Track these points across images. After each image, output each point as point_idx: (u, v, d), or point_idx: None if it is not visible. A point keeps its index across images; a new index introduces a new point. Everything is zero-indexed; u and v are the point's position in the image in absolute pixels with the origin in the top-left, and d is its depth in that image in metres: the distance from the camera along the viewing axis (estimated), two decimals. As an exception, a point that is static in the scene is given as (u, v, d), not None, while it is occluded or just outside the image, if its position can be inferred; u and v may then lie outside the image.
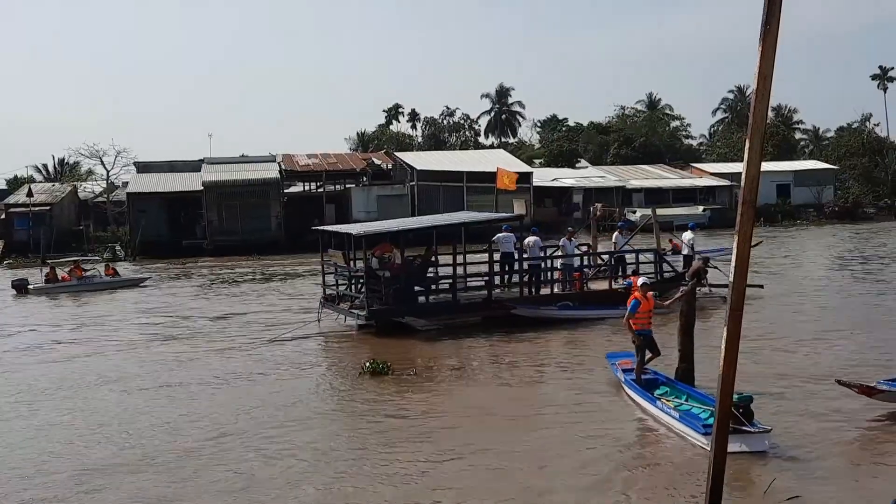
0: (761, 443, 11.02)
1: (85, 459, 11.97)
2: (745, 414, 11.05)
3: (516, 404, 14.45)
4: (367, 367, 16.78)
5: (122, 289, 36.14)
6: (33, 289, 35.64)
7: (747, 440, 10.96)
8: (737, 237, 6.32)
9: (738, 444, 10.81)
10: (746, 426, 11.00)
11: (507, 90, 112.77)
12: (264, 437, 12.66)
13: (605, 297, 23.20)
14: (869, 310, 23.54)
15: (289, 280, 38.00)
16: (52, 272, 36.82)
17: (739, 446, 10.81)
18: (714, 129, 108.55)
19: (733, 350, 6.50)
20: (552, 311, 22.53)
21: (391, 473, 10.85)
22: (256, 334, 22.46)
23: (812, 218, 70.70)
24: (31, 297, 34.70)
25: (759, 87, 6.20)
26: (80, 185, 75.05)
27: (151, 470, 11.38)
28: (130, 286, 37.03)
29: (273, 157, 67.31)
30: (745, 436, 10.94)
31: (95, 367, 18.83)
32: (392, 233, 23.26)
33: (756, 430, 11.05)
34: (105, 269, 38.53)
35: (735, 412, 10.85)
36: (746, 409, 11.11)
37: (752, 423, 11.07)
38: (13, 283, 36.23)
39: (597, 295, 23.66)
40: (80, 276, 36.67)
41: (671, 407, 12.58)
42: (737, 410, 10.88)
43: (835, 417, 12.56)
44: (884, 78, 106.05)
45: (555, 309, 22.65)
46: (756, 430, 11.05)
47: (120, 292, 35.07)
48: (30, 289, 35.60)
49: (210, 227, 59.08)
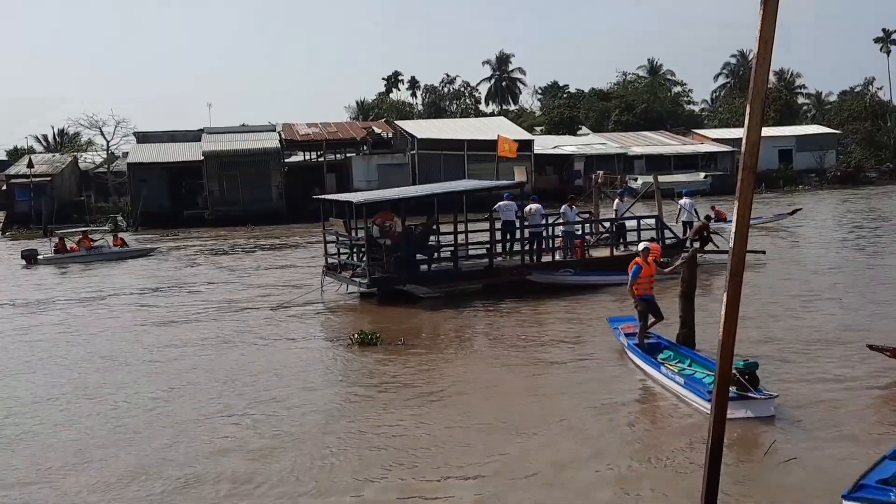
0: (767, 409, 11.03)
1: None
2: (750, 380, 11.06)
3: (518, 371, 14.41)
4: (355, 337, 16.68)
5: (130, 259, 36.47)
6: (43, 259, 35.92)
7: (753, 406, 10.98)
8: (737, 203, 6.30)
9: (744, 410, 10.88)
10: (752, 392, 11.02)
11: (508, 57, 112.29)
12: (247, 407, 12.71)
13: (606, 263, 23.33)
14: (874, 273, 23.55)
15: (288, 249, 38.03)
16: (61, 243, 37.13)
17: (745, 412, 10.87)
18: (716, 94, 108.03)
19: (733, 315, 6.50)
20: (568, 277, 22.63)
21: (376, 445, 10.80)
22: (259, 303, 22.52)
23: (814, 183, 70.54)
24: (41, 267, 34.95)
25: (760, 50, 6.16)
26: (80, 155, 74.91)
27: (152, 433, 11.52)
28: (139, 256, 37.32)
29: (273, 126, 67.11)
30: (751, 402, 10.98)
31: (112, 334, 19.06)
32: (392, 201, 23.24)
33: (762, 397, 11.08)
34: (113, 240, 38.80)
35: (741, 378, 10.93)
36: (752, 375, 11.10)
37: (757, 390, 11.08)
38: (23, 254, 36.48)
39: (598, 262, 23.79)
40: (90, 246, 36.95)
41: (675, 372, 12.61)
42: (742, 377, 10.94)
43: (838, 382, 12.57)
44: (887, 41, 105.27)
45: (570, 274, 22.73)
46: (762, 397, 11.08)
47: (129, 262, 35.38)
48: (39, 259, 35.86)
49: (211, 197, 59.05)
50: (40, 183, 60.78)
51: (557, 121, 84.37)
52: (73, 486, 9.84)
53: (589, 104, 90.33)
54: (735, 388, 10.92)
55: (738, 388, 10.94)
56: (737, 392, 10.92)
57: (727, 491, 8.03)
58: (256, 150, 60.50)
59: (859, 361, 13.33)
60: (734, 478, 9.03)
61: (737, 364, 11.15)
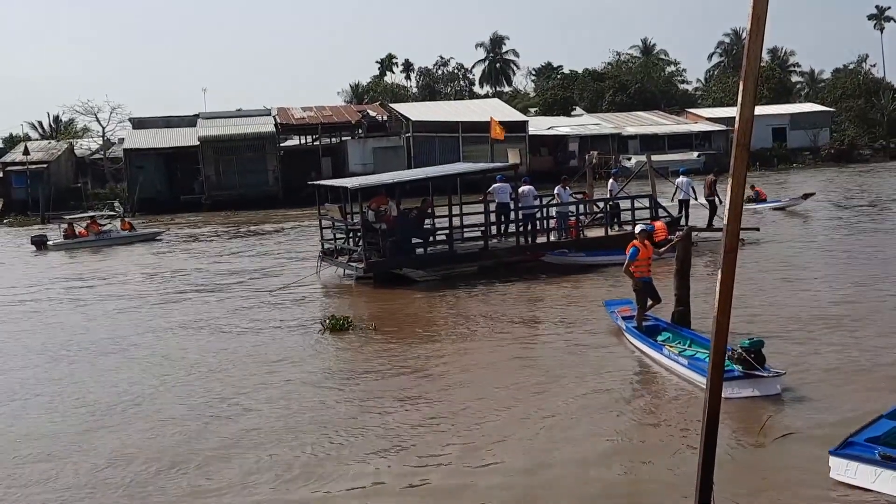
0: (773, 387, 11.03)
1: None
2: (756, 358, 11.04)
3: (515, 356, 14.14)
4: (327, 323, 16.43)
5: (139, 243, 36.94)
6: (53, 244, 36.29)
7: (759, 384, 10.99)
8: (731, 180, 6.36)
9: (751, 388, 10.95)
10: (759, 370, 11.00)
11: (502, 39, 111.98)
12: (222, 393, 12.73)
13: (600, 244, 23.72)
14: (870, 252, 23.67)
15: (285, 233, 38.06)
16: (70, 228, 37.59)
17: (752, 391, 10.92)
18: (710, 73, 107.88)
19: (727, 293, 6.57)
20: (581, 258, 22.87)
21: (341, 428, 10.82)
22: (255, 288, 22.64)
23: (808, 161, 70.61)
24: (52, 252, 35.31)
25: (753, 27, 6.19)
26: (76, 142, 74.78)
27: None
28: (146, 240, 37.81)
29: (268, 110, 66.98)
30: (757, 380, 10.98)
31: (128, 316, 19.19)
32: (387, 185, 23.28)
33: (769, 375, 11.04)
34: (121, 224, 39.30)
35: (747, 357, 10.97)
36: (758, 353, 11.09)
37: (764, 368, 11.05)
38: (33, 239, 36.94)
39: (593, 242, 23.98)
40: (98, 231, 37.47)
41: (677, 353, 12.56)
42: (748, 355, 10.98)
43: (836, 359, 12.67)
44: (881, 18, 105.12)
45: (583, 255, 22.93)
46: (769, 375, 11.04)
47: (137, 246, 35.85)
48: (49, 245, 36.21)
49: (207, 182, 59.02)
50: (37, 170, 60.76)
51: (551, 102, 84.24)
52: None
53: (583, 85, 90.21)
54: (741, 366, 11.03)
55: (743, 366, 10.99)
56: (742, 370, 11.00)
57: (724, 467, 8.07)
58: (252, 134, 60.45)
59: (857, 340, 13.44)
60: (730, 453, 9.11)
61: (742, 343, 11.29)
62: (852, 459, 8.24)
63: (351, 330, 16.24)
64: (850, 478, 8.17)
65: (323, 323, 16.60)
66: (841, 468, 8.28)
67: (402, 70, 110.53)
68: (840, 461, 8.31)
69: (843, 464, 8.26)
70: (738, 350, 11.13)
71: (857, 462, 8.16)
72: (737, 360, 11.09)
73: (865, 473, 8.06)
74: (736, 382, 10.97)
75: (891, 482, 7.88)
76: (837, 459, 8.35)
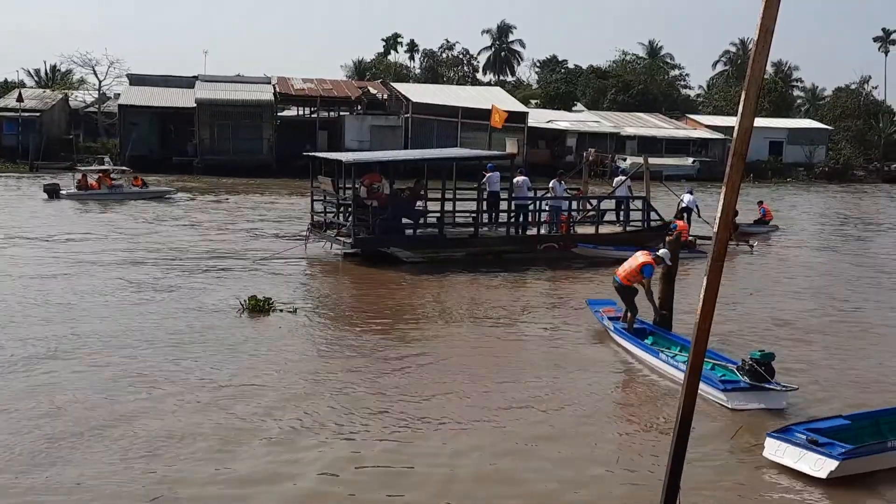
0: (780, 401, 10.87)
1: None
2: (766, 371, 10.91)
3: (497, 355, 13.65)
4: (245, 303, 15.63)
5: (149, 199, 37.28)
6: (66, 194, 36.57)
7: (767, 398, 10.85)
8: (724, 188, 6.39)
9: (758, 401, 10.81)
10: (770, 384, 10.86)
11: (509, 27, 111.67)
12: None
13: (590, 241, 23.99)
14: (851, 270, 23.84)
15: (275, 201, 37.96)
16: (83, 179, 37.99)
17: (758, 404, 10.79)
18: (713, 81, 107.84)
19: (711, 299, 6.61)
20: (611, 251, 22.87)
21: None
22: (239, 257, 22.43)
23: (802, 177, 70.88)
24: (64, 202, 35.52)
25: (760, 40, 6.21)
26: (71, 93, 74.23)
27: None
28: (157, 197, 38.22)
29: (268, 78, 66.60)
30: (764, 393, 10.85)
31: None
32: (382, 163, 23.25)
33: (780, 389, 10.88)
34: (133, 180, 39.65)
35: (758, 369, 10.85)
36: (768, 366, 10.94)
37: (773, 382, 10.90)
38: (45, 188, 37.24)
39: (582, 238, 24.07)
40: (111, 184, 37.94)
41: (674, 358, 12.29)
42: (760, 367, 10.85)
43: (813, 371, 12.75)
44: (886, 41, 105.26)
45: (613, 249, 22.99)
46: (780, 389, 10.88)
47: (147, 203, 36.20)
48: (62, 194, 36.48)
49: (201, 145, 58.71)
50: (29, 118, 60.32)
51: (553, 95, 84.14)
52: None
53: (586, 81, 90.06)
54: (748, 377, 10.93)
55: (752, 378, 10.87)
56: (748, 382, 10.89)
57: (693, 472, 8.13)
58: (250, 101, 60.10)
59: (834, 350, 13.55)
60: (701, 459, 9.15)
61: (753, 354, 11.15)
62: (783, 441, 9.05)
63: (271, 312, 15.43)
64: (779, 458, 9.00)
65: (242, 302, 15.71)
66: (773, 448, 9.10)
67: (406, 50, 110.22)
68: (773, 442, 9.13)
69: (775, 445, 9.08)
70: (749, 361, 11.02)
71: (787, 444, 8.97)
72: (747, 372, 10.97)
73: (791, 454, 8.88)
74: (743, 394, 10.90)
75: (811, 463, 8.68)
76: (771, 440, 9.17)
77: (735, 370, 11.41)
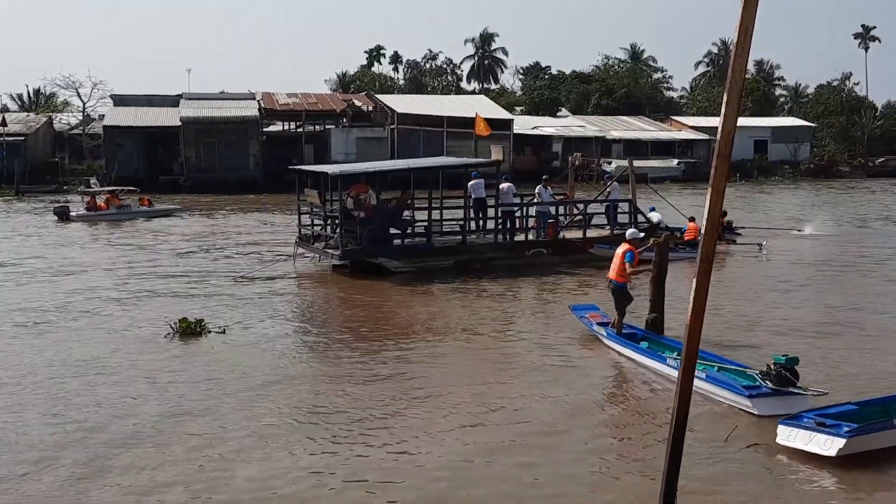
0: (800, 407, 10.35)
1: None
2: (792, 375, 10.73)
3: (492, 364, 13.52)
4: (176, 326, 14.90)
5: (157, 218, 38.20)
6: (76, 216, 37.27)
7: (789, 402, 10.58)
8: (710, 189, 6.42)
9: (786, 407, 10.45)
10: (797, 388, 10.69)
11: (492, 36, 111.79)
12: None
13: (577, 245, 24.12)
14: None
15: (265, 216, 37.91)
16: (92, 200, 38.88)
17: (787, 409, 10.36)
18: (696, 82, 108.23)
19: (701, 299, 6.64)
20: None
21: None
22: (227, 272, 22.44)
23: (787, 174, 71.23)
24: (74, 223, 36.07)
25: (740, 39, 6.25)
26: (55, 116, 73.99)
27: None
28: (163, 216, 39.38)
29: (253, 94, 66.48)
30: (788, 397, 10.64)
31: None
32: (368, 174, 23.27)
33: (812, 393, 10.69)
34: (140, 200, 40.87)
35: (783, 373, 10.67)
36: (793, 371, 10.74)
37: (797, 386, 10.73)
38: (55, 210, 38.26)
39: (570, 243, 24.13)
40: (119, 205, 38.96)
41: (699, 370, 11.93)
42: (783, 371, 10.68)
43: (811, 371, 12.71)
44: (866, 37, 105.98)
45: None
46: (812, 393, 10.69)
47: (155, 221, 37.19)
48: (72, 216, 37.16)
49: (187, 163, 58.54)
50: (13, 142, 60.05)
51: (538, 102, 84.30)
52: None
53: (570, 86, 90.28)
54: (770, 382, 10.75)
55: (778, 382, 10.67)
56: (771, 387, 10.69)
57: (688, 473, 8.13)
58: (235, 117, 59.97)
59: (827, 352, 13.59)
60: (696, 459, 9.15)
61: (776, 359, 10.94)
62: (794, 427, 9.44)
63: (204, 335, 14.81)
64: (791, 442, 9.39)
65: (172, 325, 14.99)
66: (784, 434, 9.51)
67: (390, 62, 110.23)
68: (785, 428, 9.54)
69: (787, 430, 9.50)
70: (774, 366, 10.81)
71: (798, 428, 9.39)
72: (773, 377, 10.75)
73: (802, 437, 9.29)
74: (766, 399, 10.68)
75: (821, 443, 9.08)
76: (783, 427, 9.58)
77: (757, 375, 11.09)
